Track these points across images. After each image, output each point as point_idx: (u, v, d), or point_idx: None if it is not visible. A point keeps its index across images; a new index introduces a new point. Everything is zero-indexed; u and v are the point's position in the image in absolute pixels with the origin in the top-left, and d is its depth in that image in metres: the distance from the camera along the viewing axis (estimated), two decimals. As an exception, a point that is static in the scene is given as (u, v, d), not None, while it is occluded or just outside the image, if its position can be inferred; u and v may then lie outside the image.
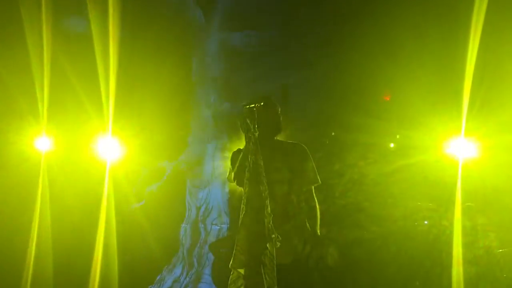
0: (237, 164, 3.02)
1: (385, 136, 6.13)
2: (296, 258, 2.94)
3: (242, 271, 2.84)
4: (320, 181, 3.26)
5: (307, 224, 3.07)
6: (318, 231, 3.09)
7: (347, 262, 5.46)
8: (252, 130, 2.92)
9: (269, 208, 2.84)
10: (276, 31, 7.07)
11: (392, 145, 6.15)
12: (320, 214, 3.16)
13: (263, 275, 2.74)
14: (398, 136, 6.14)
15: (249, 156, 2.89)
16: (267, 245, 2.75)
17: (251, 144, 2.91)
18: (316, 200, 3.18)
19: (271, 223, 2.81)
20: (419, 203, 5.73)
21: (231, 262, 2.90)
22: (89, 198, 5.88)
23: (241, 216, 2.94)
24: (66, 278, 5.65)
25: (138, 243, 6.22)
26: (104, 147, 5.82)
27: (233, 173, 3.10)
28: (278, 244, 2.81)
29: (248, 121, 2.94)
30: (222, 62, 7.08)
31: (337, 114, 6.27)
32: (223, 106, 7.05)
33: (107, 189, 5.72)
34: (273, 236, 2.78)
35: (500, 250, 5.14)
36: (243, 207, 2.95)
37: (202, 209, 6.98)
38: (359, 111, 6.05)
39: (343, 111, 6.18)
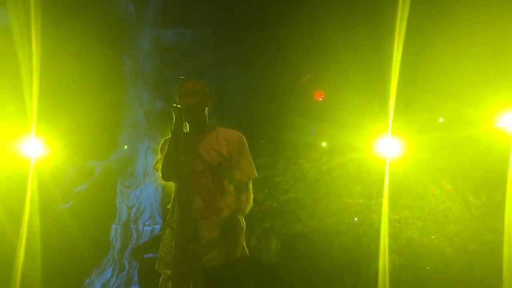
0: (163, 154, 2.76)
1: (320, 136, 6.28)
2: (227, 260, 2.75)
3: (169, 272, 2.77)
4: (256, 174, 2.95)
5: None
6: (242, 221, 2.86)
7: (290, 255, 5.73)
8: (176, 122, 2.64)
9: (195, 204, 2.73)
10: (210, 30, 7.05)
11: (324, 144, 6.31)
12: (265, 208, 2.95)
13: (189, 276, 2.69)
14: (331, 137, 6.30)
15: (175, 145, 2.63)
16: (193, 244, 2.68)
17: (176, 130, 2.63)
18: (251, 194, 2.92)
19: (197, 220, 2.72)
20: (351, 200, 5.93)
21: (156, 264, 2.83)
22: (12, 199, 5.61)
23: (168, 216, 2.86)
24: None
25: (65, 245, 5.97)
26: (28, 147, 5.57)
27: (159, 164, 2.84)
28: (204, 241, 2.71)
29: (174, 114, 2.63)
30: (154, 60, 6.97)
31: (272, 114, 6.33)
32: (155, 105, 6.93)
33: (30, 189, 5.47)
34: (200, 235, 2.70)
35: (433, 237, 5.40)
36: (170, 206, 2.85)
37: (134, 209, 6.83)
38: (294, 111, 6.16)
39: (278, 111, 6.26)
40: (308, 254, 5.75)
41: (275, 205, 5.83)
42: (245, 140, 2.96)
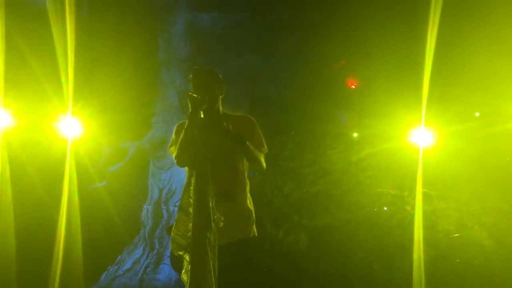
0: (179, 139, 2.85)
1: (350, 126, 6.20)
2: (238, 239, 2.91)
3: (186, 255, 2.82)
4: (267, 149, 3.04)
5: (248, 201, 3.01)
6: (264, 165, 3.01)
7: (319, 248, 5.70)
8: (193, 110, 2.78)
9: (211, 188, 2.79)
10: (244, 14, 7.01)
11: (355, 134, 6.24)
12: (293, 201, 2.99)
13: (208, 256, 2.74)
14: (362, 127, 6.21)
15: (191, 132, 2.76)
16: (211, 225, 2.74)
17: (192, 119, 2.77)
18: (263, 163, 3.00)
19: (214, 203, 2.79)
20: (383, 190, 5.85)
21: (171, 246, 2.89)
22: (50, 177, 5.78)
23: (180, 200, 2.92)
24: (28, 256, 5.54)
25: (98, 224, 6.15)
26: (65, 126, 5.71)
27: (174, 147, 2.94)
28: (221, 224, 2.78)
29: (190, 103, 2.80)
30: (189, 43, 6.98)
31: (303, 103, 6.29)
32: (189, 88, 6.93)
33: (68, 168, 5.62)
34: (216, 216, 2.77)
35: (456, 235, 5.30)
36: (185, 190, 2.90)
37: (165, 190, 6.93)
38: (325, 101, 6.10)
39: (309, 100, 6.21)
40: (338, 247, 5.68)
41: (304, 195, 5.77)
42: (255, 121, 3.06)
